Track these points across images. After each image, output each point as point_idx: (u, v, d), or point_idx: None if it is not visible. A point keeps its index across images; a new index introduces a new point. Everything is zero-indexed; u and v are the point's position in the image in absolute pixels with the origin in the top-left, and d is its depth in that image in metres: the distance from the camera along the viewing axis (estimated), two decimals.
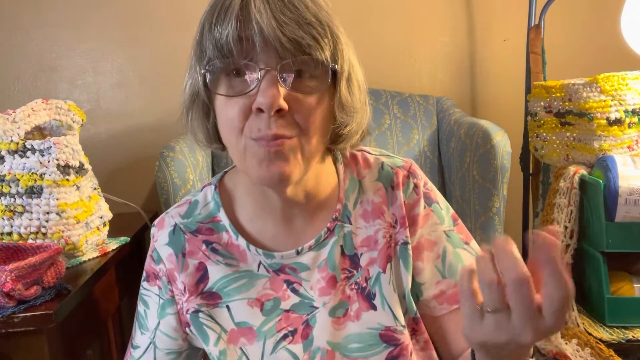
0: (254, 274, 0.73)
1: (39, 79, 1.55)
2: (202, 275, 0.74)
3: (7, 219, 0.99)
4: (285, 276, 0.72)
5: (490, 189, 1.23)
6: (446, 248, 0.74)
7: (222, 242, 0.74)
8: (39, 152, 0.98)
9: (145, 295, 0.78)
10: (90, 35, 1.55)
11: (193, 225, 0.75)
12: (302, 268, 0.72)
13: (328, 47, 0.60)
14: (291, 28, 0.58)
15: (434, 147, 1.42)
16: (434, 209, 0.75)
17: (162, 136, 1.53)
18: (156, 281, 0.76)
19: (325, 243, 0.72)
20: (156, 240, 0.76)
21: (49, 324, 0.82)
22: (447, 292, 0.73)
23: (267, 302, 0.72)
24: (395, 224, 0.73)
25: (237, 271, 0.73)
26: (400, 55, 1.60)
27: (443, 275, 0.74)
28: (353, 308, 0.71)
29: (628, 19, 1.26)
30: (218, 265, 0.73)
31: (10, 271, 0.79)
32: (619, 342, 1.05)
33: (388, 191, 0.75)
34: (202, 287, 0.73)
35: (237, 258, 0.73)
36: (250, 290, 0.72)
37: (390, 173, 0.75)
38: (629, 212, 1.07)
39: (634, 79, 1.14)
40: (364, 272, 0.72)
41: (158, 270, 0.76)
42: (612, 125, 1.14)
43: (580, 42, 1.60)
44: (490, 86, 1.63)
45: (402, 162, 0.77)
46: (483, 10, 1.60)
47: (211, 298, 0.73)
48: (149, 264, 0.77)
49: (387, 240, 0.73)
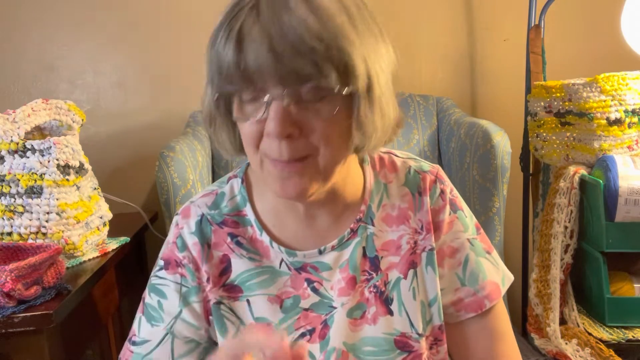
0: (276, 271, 0.72)
1: (39, 79, 1.55)
2: (225, 267, 0.73)
3: (7, 219, 0.99)
4: (307, 274, 0.72)
5: (490, 189, 1.23)
6: (469, 256, 0.74)
7: (246, 236, 0.74)
8: (39, 152, 0.98)
9: (161, 285, 0.74)
10: (90, 35, 1.55)
11: (220, 217, 0.75)
12: (323, 267, 0.72)
13: (334, 70, 0.56)
14: (289, 58, 0.54)
15: (434, 147, 1.42)
16: (459, 216, 0.74)
17: (162, 136, 1.53)
18: (178, 269, 0.74)
19: (348, 243, 0.72)
20: (181, 227, 0.74)
21: (49, 324, 0.82)
22: (465, 300, 0.73)
23: (287, 300, 0.71)
24: (421, 230, 0.73)
25: (259, 266, 0.72)
26: (400, 55, 1.60)
27: (463, 283, 0.73)
28: (370, 311, 0.71)
29: (628, 19, 1.26)
30: (241, 258, 0.73)
31: (10, 271, 0.79)
32: (619, 342, 1.05)
33: (415, 197, 0.73)
34: (224, 279, 0.73)
35: (260, 253, 0.73)
36: (271, 287, 0.72)
37: (417, 178, 0.74)
38: (629, 212, 1.07)
39: (634, 79, 1.14)
40: (383, 276, 0.71)
41: (182, 258, 0.73)
42: (612, 125, 1.14)
43: (580, 42, 1.59)
44: (490, 86, 1.63)
45: (429, 167, 0.76)
46: (483, 10, 1.60)
47: (233, 291, 0.73)
48: (171, 252, 0.74)
49: (411, 247, 0.72)
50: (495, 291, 0.74)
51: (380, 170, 0.76)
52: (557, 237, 1.17)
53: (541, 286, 1.18)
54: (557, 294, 1.15)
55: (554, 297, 1.14)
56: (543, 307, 1.17)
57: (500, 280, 0.75)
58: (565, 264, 1.18)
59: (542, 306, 1.17)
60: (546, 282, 1.17)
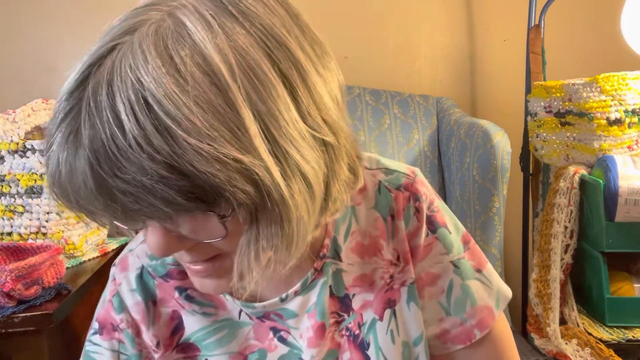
0: (235, 323, 0.62)
1: (39, 79, 1.55)
2: (177, 325, 0.62)
3: (7, 219, 0.99)
4: (271, 323, 0.62)
5: (490, 189, 1.23)
6: (453, 281, 0.63)
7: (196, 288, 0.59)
8: (39, 152, 0.98)
9: (94, 353, 0.62)
10: (90, 35, 1.54)
11: (163, 268, 0.62)
12: (288, 315, 0.61)
13: (210, 194, 0.38)
14: (132, 198, 0.38)
15: (434, 147, 1.42)
16: (440, 235, 0.63)
17: None
18: (114, 334, 0.62)
19: (313, 285, 0.61)
20: (119, 284, 0.62)
21: (49, 324, 0.82)
22: (452, 332, 0.64)
23: (252, 355, 0.61)
24: (397, 261, 0.62)
25: (215, 321, 0.62)
26: (400, 55, 1.60)
27: (448, 312, 0.64)
28: (344, 358, 0.61)
29: (628, 19, 1.26)
30: (194, 315, 0.62)
31: (10, 271, 0.79)
32: (619, 342, 1.05)
33: (387, 222, 0.62)
34: (177, 338, 0.62)
35: (215, 305, 0.62)
36: (232, 343, 0.61)
37: (389, 199, 0.62)
38: (629, 212, 1.07)
39: (634, 79, 1.14)
40: (356, 317, 0.62)
41: (119, 321, 0.61)
42: (612, 125, 1.14)
43: (580, 42, 1.59)
44: (490, 86, 1.63)
45: (404, 178, 0.63)
46: (483, 10, 1.60)
47: (189, 349, 0.62)
48: (106, 312, 0.62)
49: (385, 282, 0.62)
50: (488, 317, 0.64)
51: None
52: (557, 237, 1.17)
53: (541, 286, 1.18)
54: (557, 294, 1.15)
55: (554, 297, 1.14)
56: (543, 307, 1.17)
57: (494, 302, 0.64)
58: (565, 264, 1.18)
59: (542, 306, 1.17)
60: (546, 282, 1.17)
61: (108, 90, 0.38)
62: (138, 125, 0.37)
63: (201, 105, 0.37)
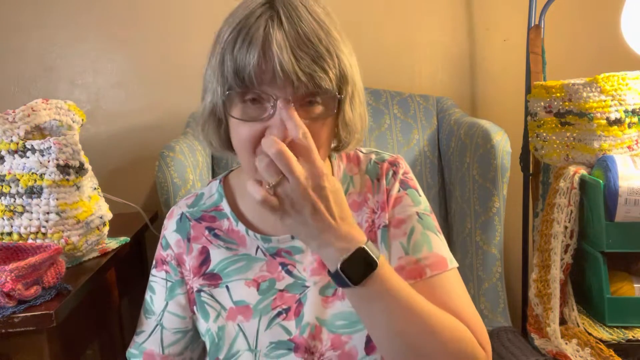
0: (252, 257, 0.80)
1: (39, 79, 1.55)
2: (204, 258, 0.82)
3: (7, 219, 0.99)
4: (281, 259, 0.80)
5: (490, 189, 1.23)
6: (415, 227, 0.77)
7: (223, 229, 0.83)
8: (39, 152, 0.98)
9: (152, 282, 0.86)
10: (90, 35, 1.55)
11: (198, 213, 0.85)
12: (296, 251, 0.79)
13: (335, 76, 0.66)
14: (306, 62, 0.64)
15: (434, 147, 1.42)
16: (409, 193, 0.80)
17: (162, 136, 1.53)
18: (163, 266, 0.84)
19: None
20: (166, 228, 0.86)
21: (49, 324, 0.82)
22: (407, 268, 0.75)
23: (263, 283, 0.79)
24: (377, 210, 0.80)
25: (236, 254, 0.81)
26: (400, 55, 1.60)
27: (406, 252, 0.76)
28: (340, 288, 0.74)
29: (628, 19, 1.26)
30: (219, 248, 0.82)
31: (10, 271, 0.79)
32: (619, 342, 1.05)
33: (374, 182, 0.82)
34: (204, 268, 0.82)
35: (236, 242, 0.81)
36: (248, 272, 0.80)
37: (377, 167, 0.82)
38: (629, 212, 1.07)
39: (634, 79, 1.14)
40: None
41: (166, 256, 0.84)
42: (612, 125, 1.14)
43: (580, 42, 1.59)
44: (490, 86, 1.63)
45: (389, 156, 0.84)
46: (483, 10, 1.60)
47: (212, 279, 0.81)
48: (158, 252, 0.85)
49: (369, 224, 0.80)
50: (440, 262, 0.75)
51: (347, 164, 0.84)
52: (557, 237, 1.17)
53: (541, 286, 1.18)
54: (557, 294, 1.15)
55: (554, 297, 1.14)
56: (543, 307, 1.17)
57: (448, 257, 0.76)
58: (565, 264, 1.18)
59: (542, 306, 1.17)
60: (546, 282, 1.17)
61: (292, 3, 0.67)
62: (314, 22, 0.66)
63: (334, 20, 0.69)
